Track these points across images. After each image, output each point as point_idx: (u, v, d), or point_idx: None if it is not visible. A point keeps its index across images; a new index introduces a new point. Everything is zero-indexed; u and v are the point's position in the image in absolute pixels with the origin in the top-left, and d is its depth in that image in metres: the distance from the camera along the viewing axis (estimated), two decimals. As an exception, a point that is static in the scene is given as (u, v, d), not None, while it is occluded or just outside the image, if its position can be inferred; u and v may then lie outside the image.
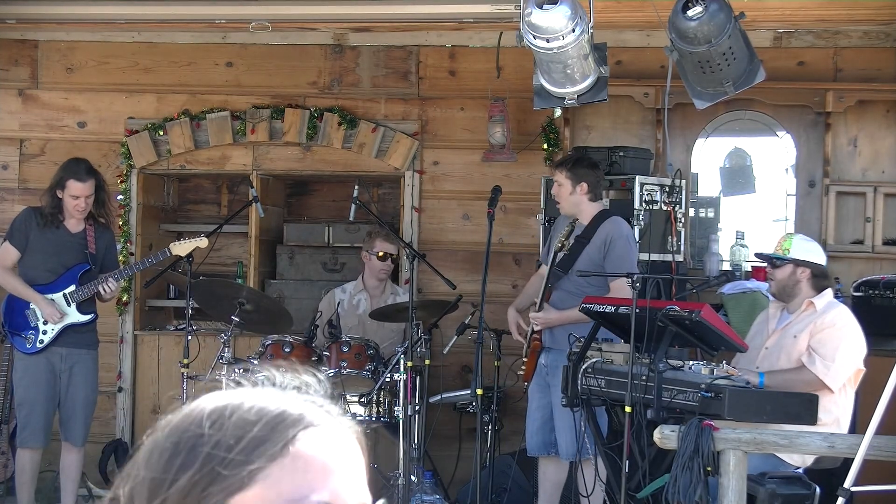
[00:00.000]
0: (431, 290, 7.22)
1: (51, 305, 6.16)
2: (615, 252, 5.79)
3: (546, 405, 5.96)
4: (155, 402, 7.50)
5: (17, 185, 7.61)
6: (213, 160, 7.54)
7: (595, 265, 5.79)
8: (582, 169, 5.94)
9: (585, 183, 5.90)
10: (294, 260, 7.85)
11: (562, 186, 5.94)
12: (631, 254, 5.88)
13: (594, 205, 5.96)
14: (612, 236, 5.78)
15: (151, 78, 7.55)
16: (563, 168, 5.95)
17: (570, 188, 5.91)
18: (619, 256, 5.78)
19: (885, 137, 7.10)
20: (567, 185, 5.92)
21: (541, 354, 5.97)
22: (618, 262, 5.75)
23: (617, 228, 5.84)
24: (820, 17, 6.61)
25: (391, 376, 6.12)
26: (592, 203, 5.95)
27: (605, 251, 5.79)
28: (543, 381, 5.97)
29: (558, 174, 5.96)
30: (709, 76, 5.00)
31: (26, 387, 6.22)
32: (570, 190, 5.91)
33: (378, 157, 7.37)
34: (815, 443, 4.54)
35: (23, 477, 6.27)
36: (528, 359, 5.99)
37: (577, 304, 5.70)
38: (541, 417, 5.99)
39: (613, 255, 5.79)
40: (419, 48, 7.40)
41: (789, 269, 5.39)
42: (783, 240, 5.51)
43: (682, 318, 4.79)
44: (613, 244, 5.78)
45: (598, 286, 5.81)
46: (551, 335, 5.92)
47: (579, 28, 4.70)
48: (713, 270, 6.92)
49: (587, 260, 5.78)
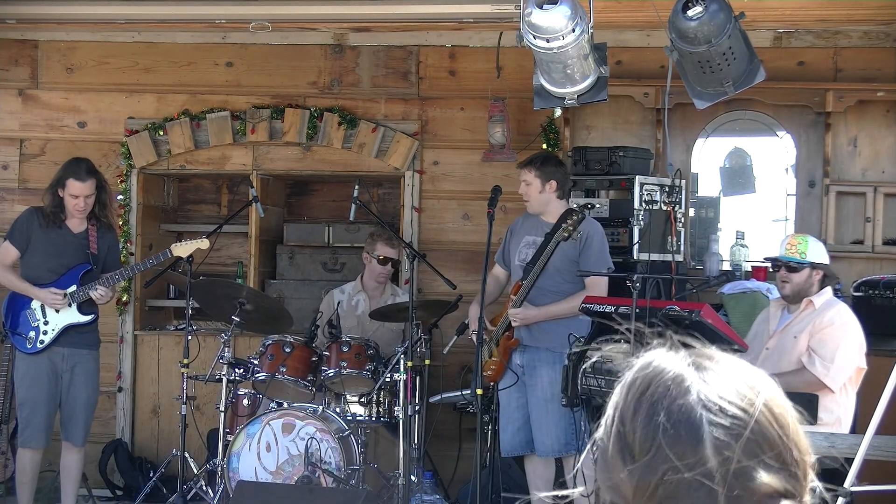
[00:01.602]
0: (431, 290, 7.22)
1: (50, 291, 6.14)
2: (592, 249, 5.87)
3: (524, 405, 5.96)
4: (155, 402, 7.51)
5: (17, 185, 7.62)
6: (213, 160, 7.54)
7: (570, 262, 5.85)
8: (550, 167, 6.00)
9: (555, 181, 5.97)
10: (294, 260, 7.85)
11: (530, 185, 5.99)
12: (607, 250, 5.97)
13: (561, 203, 6.03)
14: (589, 233, 5.81)
15: (151, 78, 7.55)
16: (532, 167, 6.00)
17: (539, 186, 5.97)
18: (597, 253, 5.88)
19: (885, 137, 7.10)
20: (536, 184, 5.97)
21: (513, 353, 5.97)
22: (596, 258, 5.86)
23: (592, 226, 5.90)
24: (820, 17, 6.61)
25: (391, 376, 6.12)
26: (560, 201, 6.02)
27: (581, 248, 5.83)
28: (520, 381, 5.96)
29: (527, 173, 6.01)
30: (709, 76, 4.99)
31: (28, 387, 6.22)
32: (540, 188, 5.97)
33: (378, 157, 7.37)
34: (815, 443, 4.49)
35: (23, 477, 6.27)
36: (498, 358, 5.98)
37: (552, 299, 5.84)
38: (521, 417, 5.98)
39: (591, 252, 5.86)
40: (419, 48, 7.40)
41: (807, 272, 5.37)
42: (798, 243, 5.44)
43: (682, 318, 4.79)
44: (590, 241, 5.83)
45: (573, 282, 5.87)
46: (529, 333, 5.92)
47: (579, 28, 4.70)
48: (713, 270, 6.92)
49: (562, 257, 5.80)
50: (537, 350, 5.89)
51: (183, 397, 6.22)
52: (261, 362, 6.19)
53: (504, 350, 5.97)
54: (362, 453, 6.11)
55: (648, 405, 1.23)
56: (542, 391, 5.86)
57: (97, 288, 6.14)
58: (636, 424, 1.23)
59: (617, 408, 1.26)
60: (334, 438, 5.89)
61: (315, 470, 5.82)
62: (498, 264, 6.26)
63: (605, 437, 1.27)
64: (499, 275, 6.25)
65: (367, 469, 6.26)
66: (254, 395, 6.38)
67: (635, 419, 1.24)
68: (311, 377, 6.20)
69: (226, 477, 5.97)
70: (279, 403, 6.21)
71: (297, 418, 5.98)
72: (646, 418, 1.22)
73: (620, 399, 1.26)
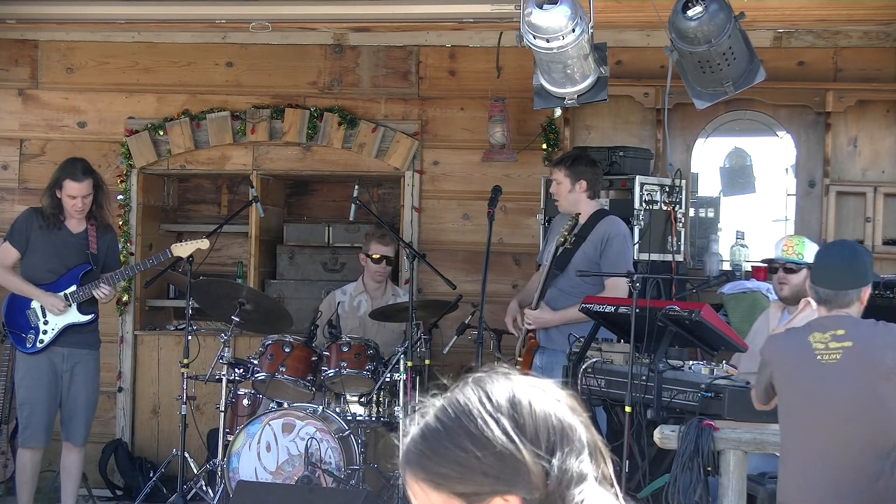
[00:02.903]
0: (431, 290, 7.22)
1: (51, 296, 6.15)
2: (612, 250, 5.81)
3: None
4: (155, 402, 7.51)
5: (17, 185, 7.61)
6: (213, 160, 7.54)
7: (591, 263, 5.80)
8: (581, 167, 5.95)
9: (584, 181, 5.92)
10: (294, 260, 7.85)
11: (560, 184, 5.95)
12: (628, 253, 5.91)
13: (592, 203, 5.98)
14: (610, 234, 5.79)
15: (151, 78, 7.55)
16: (562, 166, 5.96)
17: (569, 186, 5.92)
18: (616, 255, 5.81)
19: (885, 137, 7.10)
20: (566, 183, 5.92)
21: (535, 354, 5.97)
22: (614, 260, 5.78)
23: (614, 227, 5.85)
24: (820, 17, 6.61)
25: (391, 376, 6.12)
26: (590, 201, 5.97)
27: (602, 249, 5.80)
28: None
29: (557, 172, 5.97)
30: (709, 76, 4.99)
31: (28, 387, 6.22)
32: (570, 188, 5.92)
33: (378, 157, 7.37)
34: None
35: (23, 477, 6.27)
36: (523, 358, 5.98)
37: (572, 302, 5.74)
38: None
39: (610, 254, 5.81)
40: (419, 48, 7.40)
41: (805, 273, 5.37)
42: (794, 244, 5.45)
43: (682, 318, 4.79)
44: (610, 243, 5.80)
45: (593, 284, 5.81)
46: (547, 335, 5.91)
47: (579, 28, 4.70)
48: (713, 270, 6.92)
49: (583, 258, 5.79)
50: (554, 352, 5.86)
51: (183, 397, 6.22)
52: (260, 362, 6.19)
53: (527, 351, 5.96)
54: (362, 453, 6.11)
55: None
56: None
57: (101, 286, 6.14)
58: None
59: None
60: (334, 438, 5.89)
61: (315, 470, 5.82)
62: (541, 262, 6.20)
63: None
64: (543, 273, 6.17)
65: (367, 469, 6.26)
66: (254, 395, 6.38)
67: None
68: (311, 377, 6.20)
69: (226, 477, 5.97)
70: (279, 403, 6.21)
71: (297, 418, 5.98)
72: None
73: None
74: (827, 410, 3.85)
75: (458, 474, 1.53)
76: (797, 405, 3.94)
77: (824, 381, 3.85)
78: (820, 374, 3.85)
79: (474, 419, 1.54)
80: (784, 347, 4.05)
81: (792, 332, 4.11)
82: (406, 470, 1.57)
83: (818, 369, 3.86)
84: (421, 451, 1.56)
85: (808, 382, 3.89)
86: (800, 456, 3.93)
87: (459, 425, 1.54)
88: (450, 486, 1.53)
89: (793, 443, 3.99)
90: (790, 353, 3.98)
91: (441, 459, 1.54)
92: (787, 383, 3.97)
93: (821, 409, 3.87)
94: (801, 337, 3.95)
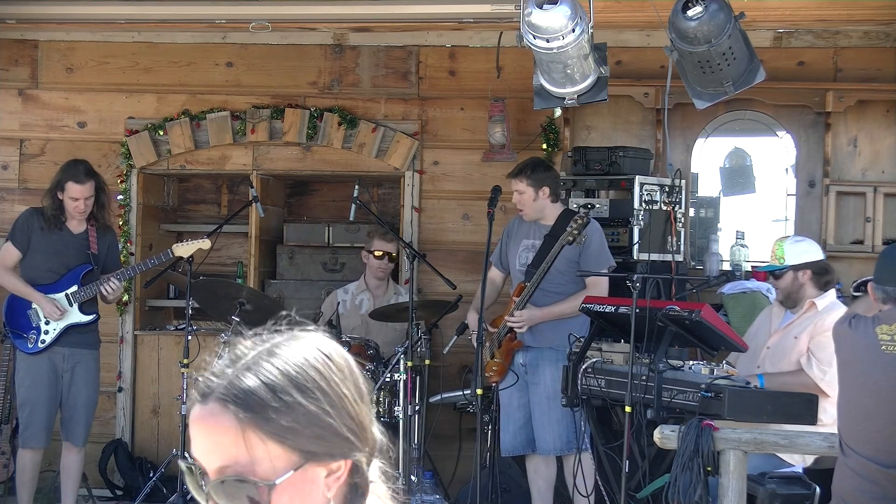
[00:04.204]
0: (431, 290, 7.22)
1: (51, 303, 6.16)
2: (592, 248, 5.90)
3: (526, 404, 5.99)
4: (155, 402, 7.51)
5: (17, 185, 7.61)
6: (213, 160, 7.54)
7: (571, 262, 5.89)
8: (541, 173, 6.04)
9: (547, 187, 6.03)
10: (294, 260, 7.85)
11: (524, 194, 6.03)
12: (606, 249, 6.02)
13: (556, 205, 6.09)
14: (587, 233, 5.83)
15: (151, 78, 7.55)
16: (523, 175, 6.03)
17: (532, 194, 6.02)
18: (596, 252, 5.92)
19: (885, 137, 7.10)
20: (529, 192, 6.02)
21: (517, 354, 5.99)
22: (595, 257, 5.90)
23: (591, 226, 5.89)
24: (820, 17, 6.61)
25: (391, 376, 6.12)
26: (554, 204, 6.08)
27: (581, 248, 5.84)
28: (522, 381, 5.98)
29: (518, 183, 6.03)
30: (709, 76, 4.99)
31: (28, 387, 6.22)
32: (534, 196, 6.02)
33: (378, 157, 7.37)
34: (815, 443, 4.54)
35: (23, 477, 6.27)
36: (501, 360, 6.00)
37: (554, 300, 5.88)
38: (522, 417, 6.01)
39: (590, 252, 5.89)
40: (419, 48, 7.40)
41: (790, 276, 5.38)
42: (775, 248, 5.48)
43: (682, 318, 4.79)
44: (589, 241, 5.85)
45: (574, 281, 5.92)
46: (531, 334, 5.94)
47: (579, 28, 4.70)
48: (713, 270, 6.92)
49: (563, 258, 5.82)
50: (540, 349, 5.92)
51: (183, 397, 6.22)
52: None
53: (507, 352, 5.98)
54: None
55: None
56: (544, 389, 5.88)
57: (111, 280, 6.14)
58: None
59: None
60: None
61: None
62: (495, 267, 6.27)
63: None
64: (495, 277, 6.25)
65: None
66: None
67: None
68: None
69: (226, 477, 5.96)
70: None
71: (297, 418, 5.97)
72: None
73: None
74: (889, 398, 4.03)
75: (314, 433, 1.50)
76: (858, 392, 4.12)
77: (886, 370, 4.04)
78: (883, 364, 4.05)
79: (326, 378, 1.53)
80: (852, 336, 4.22)
81: (860, 322, 4.24)
82: (237, 412, 1.49)
83: (882, 358, 4.06)
84: (265, 401, 1.49)
85: (872, 371, 4.09)
86: (861, 442, 4.09)
87: (315, 384, 1.51)
88: (298, 443, 1.50)
89: (852, 431, 4.15)
90: (857, 341, 4.17)
91: (296, 415, 1.49)
92: (850, 370, 4.20)
93: (883, 397, 4.05)
94: (868, 327, 4.14)
